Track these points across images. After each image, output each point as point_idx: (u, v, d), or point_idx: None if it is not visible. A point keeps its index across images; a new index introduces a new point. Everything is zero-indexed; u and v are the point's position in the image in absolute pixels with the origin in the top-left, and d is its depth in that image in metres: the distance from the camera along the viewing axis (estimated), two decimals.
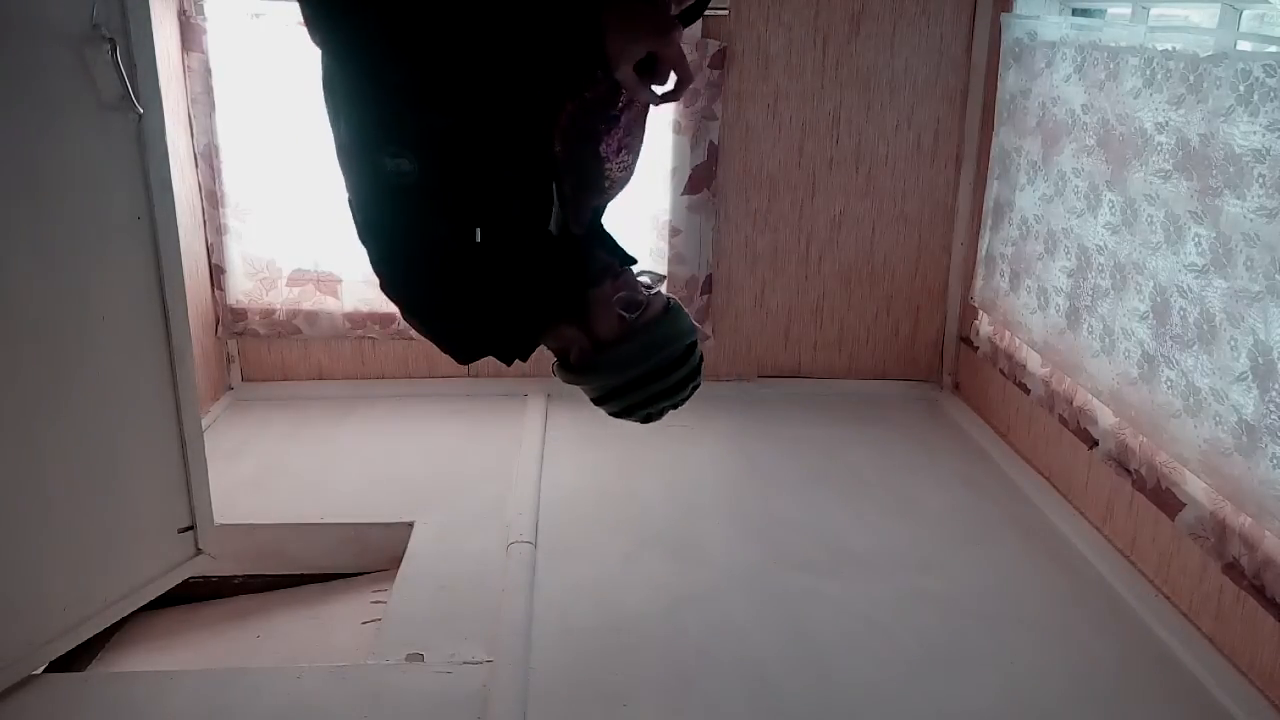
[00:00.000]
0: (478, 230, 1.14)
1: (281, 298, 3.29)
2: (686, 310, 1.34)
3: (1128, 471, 2.37)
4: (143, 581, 2.10)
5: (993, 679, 2.01)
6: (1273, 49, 1.86)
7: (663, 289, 1.35)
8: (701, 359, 1.34)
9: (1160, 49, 2.16)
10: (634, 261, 1.37)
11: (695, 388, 1.35)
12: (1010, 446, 3.03)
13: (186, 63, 3.03)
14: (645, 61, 1.06)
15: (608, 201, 1.39)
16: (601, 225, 1.41)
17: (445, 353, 1.33)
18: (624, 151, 1.26)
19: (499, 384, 3.38)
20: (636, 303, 1.27)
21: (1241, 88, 1.89)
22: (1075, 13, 2.78)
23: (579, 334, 1.29)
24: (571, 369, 1.31)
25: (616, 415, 1.33)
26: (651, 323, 1.29)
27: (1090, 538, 2.51)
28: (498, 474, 2.83)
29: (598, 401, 1.32)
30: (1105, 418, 2.48)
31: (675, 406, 1.33)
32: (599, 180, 1.27)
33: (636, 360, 1.27)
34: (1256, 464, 1.87)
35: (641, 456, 2.97)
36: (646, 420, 1.34)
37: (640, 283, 1.33)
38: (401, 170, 1.08)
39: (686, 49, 1.20)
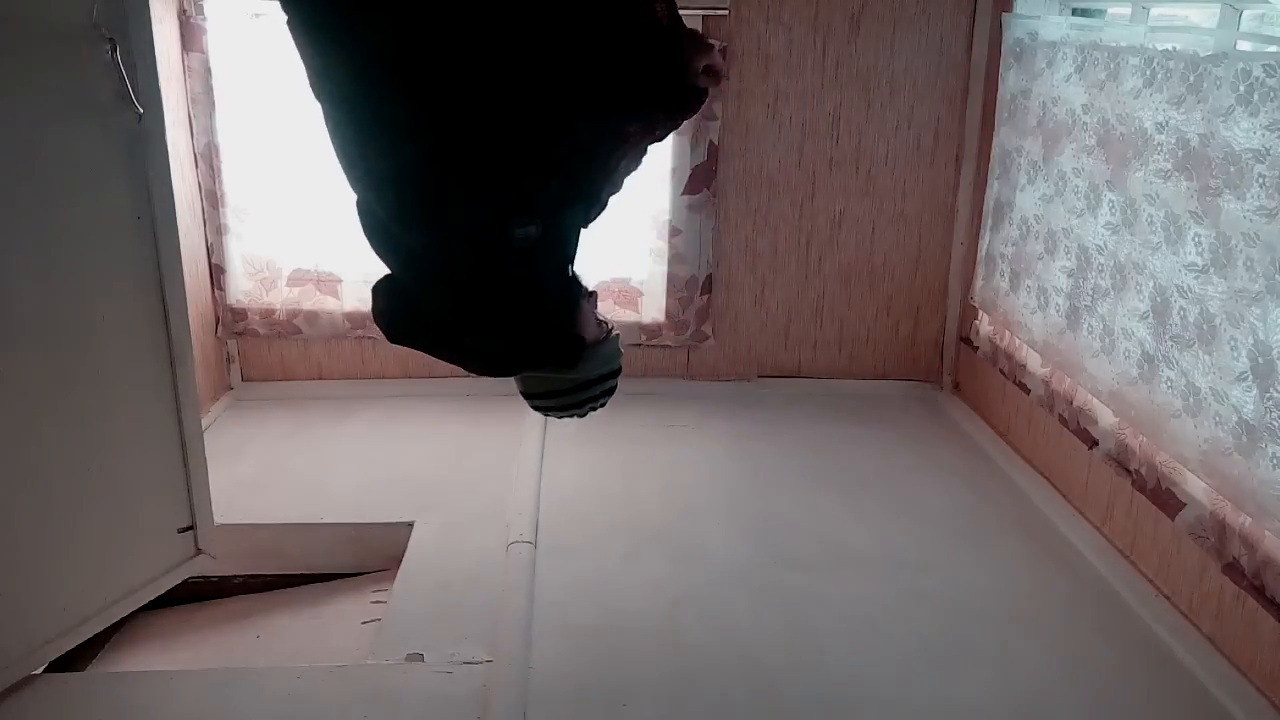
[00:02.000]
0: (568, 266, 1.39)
1: (281, 298, 3.29)
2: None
3: (1128, 471, 2.37)
4: (143, 581, 2.10)
5: (992, 679, 2.01)
6: (1273, 49, 1.86)
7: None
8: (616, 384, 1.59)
9: (1160, 49, 2.16)
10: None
11: (604, 403, 1.60)
12: (1010, 446, 3.03)
13: (186, 63, 3.03)
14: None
15: None
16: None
17: (485, 374, 1.59)
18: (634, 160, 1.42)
19: (499, 384, 3.36)
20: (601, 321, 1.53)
21: (1241, 88, 1.89)
22: (1075, 13, 2.78)
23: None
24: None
25: (548, 409, 1.60)
26: (613, 335, 1.55)
27: (1090, 538, 2.51)
28: (498, 474, 2.82)
29: (537, 396, 1.59)
30: (1105, 418, 2.48)
31: (594, 408, 1.59)
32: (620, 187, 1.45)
33: (604, 361, 1.53)
34: (1256, 464, 1.87)
35: (641, 456, 2.97)
36: (561, 412, 1.61)
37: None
38: (529, 236, 1.24)
39: None
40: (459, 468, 2.89)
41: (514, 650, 2.04)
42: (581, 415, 1.61)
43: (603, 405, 1.59)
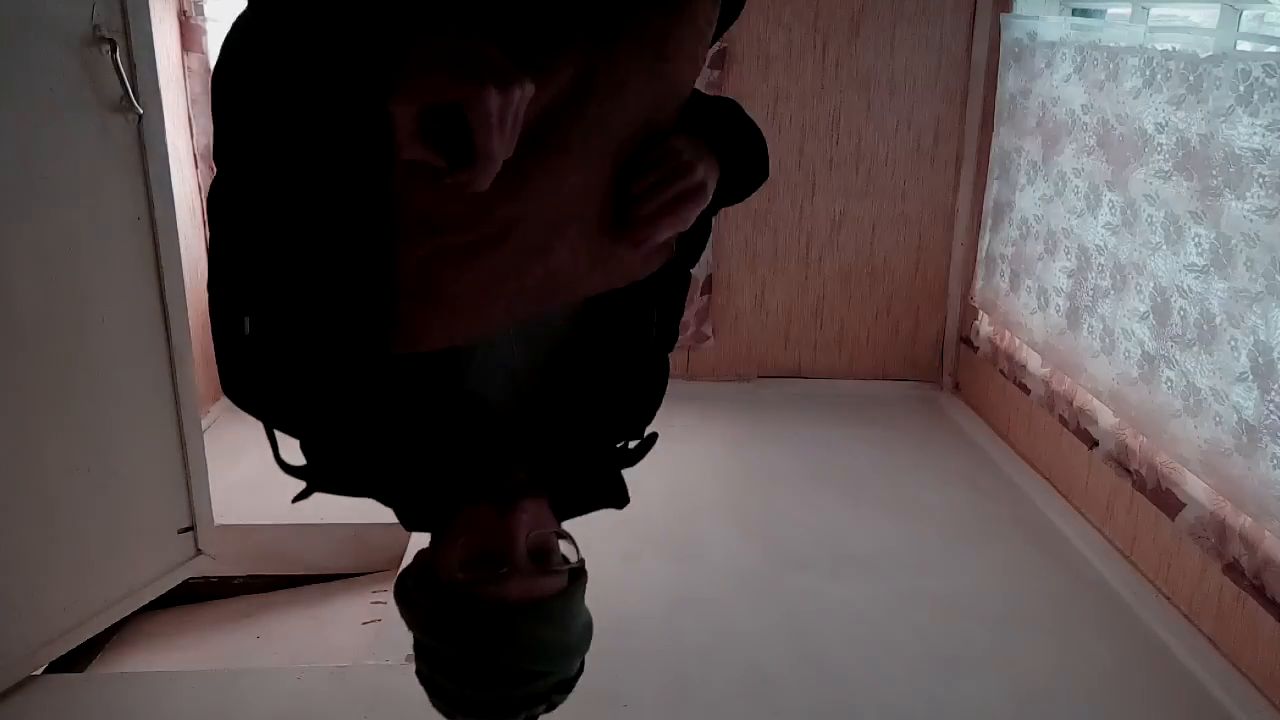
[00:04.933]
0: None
1: None
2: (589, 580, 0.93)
3: (1128, 471, 2.37)
4: (143, 581, 2.10)
5: (992, 678, 2.01)
6: (1273, 49, 1.86)
7: (567, 575, 0.92)
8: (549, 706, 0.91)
9: (1160, 49, 2.16)
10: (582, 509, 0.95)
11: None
12: (1010, 446, 3.03)
13: (186, 63, 3.03)
14: (447, 114, 0.68)
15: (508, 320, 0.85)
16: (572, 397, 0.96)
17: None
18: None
19: None
20: (492, 560, 0.85)
21: (1241, 88, 1.89)
22: (1075, 13, 2.78)
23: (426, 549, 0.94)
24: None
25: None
26: (479, 602, 0.83)
27: (1090, 538, 2.51)
28: None
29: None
30: (1105, 418, 2.48)
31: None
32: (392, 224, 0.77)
33: (432, 626, 0.90)
34: (1256, 464, 1.87)
35: None
36: (447, 713, 0.95)
37: (563, 543, 0.90)
38: None
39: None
40: None
41: None
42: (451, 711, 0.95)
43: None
